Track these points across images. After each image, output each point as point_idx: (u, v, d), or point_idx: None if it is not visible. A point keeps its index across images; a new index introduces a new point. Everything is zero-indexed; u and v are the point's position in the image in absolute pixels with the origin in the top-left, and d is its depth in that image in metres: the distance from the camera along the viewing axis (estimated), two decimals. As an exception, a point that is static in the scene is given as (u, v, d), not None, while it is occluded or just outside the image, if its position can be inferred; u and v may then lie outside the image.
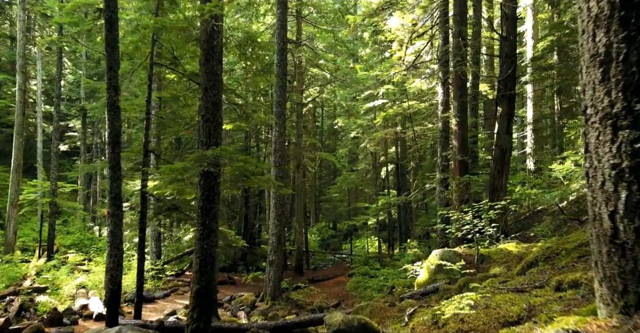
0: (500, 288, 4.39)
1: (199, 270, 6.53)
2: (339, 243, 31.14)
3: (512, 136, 12.43)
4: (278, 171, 14.10)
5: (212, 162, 6.41)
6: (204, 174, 6.64)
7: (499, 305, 3.33)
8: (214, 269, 6.67)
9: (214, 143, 6.71)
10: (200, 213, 6.69)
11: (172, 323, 8.08)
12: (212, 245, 6.68)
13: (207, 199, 6.70)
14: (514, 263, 7.28)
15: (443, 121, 12.98)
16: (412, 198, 15.07)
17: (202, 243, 6.60)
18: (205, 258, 6.58)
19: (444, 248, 8.63)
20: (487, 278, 6.44)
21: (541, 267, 5.15)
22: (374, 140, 23.46)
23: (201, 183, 6.70)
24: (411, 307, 5.97)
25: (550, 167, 20.03)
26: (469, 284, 6.40)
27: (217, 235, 6.81)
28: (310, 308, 14.08)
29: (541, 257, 5.39)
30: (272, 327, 7.87)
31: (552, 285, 3.45)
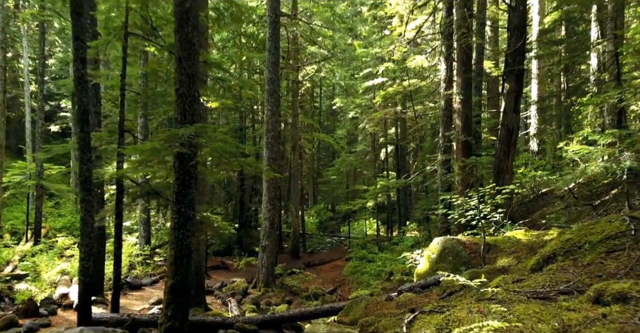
0: (517, 291, 3.70)
1: (173, 262, 5.86)
2: (337, 226, 30.61)
3: (519, 115, 11.67)
4: (271, 153, 13.36)
5: (186, 142, 5.66)
6: (179, 156, 5.90)
7: (522, 319, 2.66)
8: (191, 262, 6.02)
9: (190, 121, 5.95)
10: (175, 200, 5.98)
11: (150, 317, 7.47)
12: (189, 235, 5.99)
13: (183, 184, 5.98)
14: (524, 253, 6.62)
15: (446, 99, 12.17)
16: (412, 181, 14.38)
17: (177, 233, 5.91)
18: (181, 250, 5.90)
19: (446, 236, 7.97)
20: (495, 273, 5.77)
21: (561, 262, 4.46)
22: (373, 120, 22.64)
23: (176, 166, 5.97)
24: (410, 311, 5.30)
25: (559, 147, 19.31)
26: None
27: (195, 223, 6.12)
28: (305, 295, 13.55)
29: (560, 250, 4.70)
30: (259, 321, 7.26)
31: (589, 295, 2.77)
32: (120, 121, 8.09)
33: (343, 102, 26.28)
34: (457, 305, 4.01)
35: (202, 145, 5.71)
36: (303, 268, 17.74)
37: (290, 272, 15.57)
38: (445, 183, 11.99)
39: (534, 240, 7.06)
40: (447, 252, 7.52)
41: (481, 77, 14.72)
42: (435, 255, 7.67)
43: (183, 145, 5.72)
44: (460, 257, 7.32)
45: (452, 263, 7.35)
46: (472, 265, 7.13)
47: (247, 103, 23.65)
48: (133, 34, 8.30)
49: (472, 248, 7.47)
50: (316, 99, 34.22)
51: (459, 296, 5.69)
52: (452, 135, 11.73)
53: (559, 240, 4.90)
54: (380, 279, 14.60)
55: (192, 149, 5.67)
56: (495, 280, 4.55)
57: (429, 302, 6.03)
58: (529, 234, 7.50)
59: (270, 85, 13.35)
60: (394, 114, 21.75)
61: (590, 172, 6.59)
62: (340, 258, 20.11)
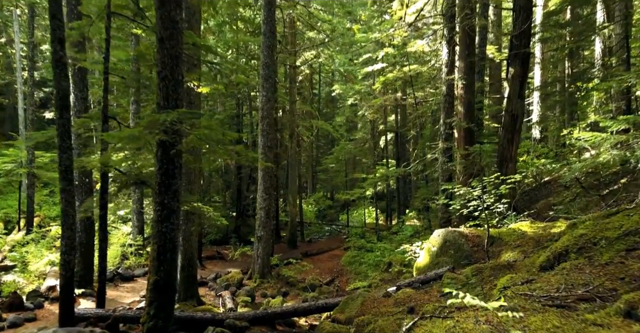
0: (528, 295, 3.31)
1: (156, 258, 5.47)
2: (336, 214, 30.29)
3: (524, 101, 11.19)
4: (266, 140, 12.93)
5: (169, 129, 5.23)
6: (162, 144, 5.48)
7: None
8: (176, 257, 5.63)
9: (174, 105, 5.51)
10: (158, 191, 5.57)
11: (136, 313, 7.10)
12: (173, 229, 5.59)
13: (166, 174, 5.56)
14: (530, 247, 6.24)
15: (447, 84, 11.68)
16: (412, 170, 13.97)
17: (160, 226, 5.52)
18: (165, 244, 5.51)
19: (447, 228, 7.58)
20: (500, 269, 5.39)
21: (574, 261, 4.07)
22: (372, 107, 22.14)
23: (158, 155, 5.55)
24: (409, 311, 4.94)
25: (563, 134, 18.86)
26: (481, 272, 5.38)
27: (179, 216, 5.72)
28: (302, 286, 13.24)
29: (573, 246, 4.31)
30: (250, 317, 6.92)
31: (618, 308, 2.38)
32: (103, 107, 7.64)
33: (342, 88, 25.71)
34: (462, 311, 3.63)
35: (186, 132, 5.28)
36: (300, 258, 17.44)
37: (287, 262, 15.26)
38: (446, 172, 11.59)
39: (541, 232, 6.67)
40: (448, 245, 7.15)
41: (484, 62, 14.18)
42: (436, 248, 7.30)
43: (166, 132, 5.29)
44: (462, 250, 6.95)
45: (453, 256, 6.99)
46: (475, 259, 6.77)
47: (244, 89, 23.15)
48: (117, 14, 7.79)
49: (474, 241, 7.09)
50: (315, 85, 33.65)
51: (461, 294, 5.32)
52: (454, 122, 11.28)
53: (571, 236, 4.50)
54: (379, 270, 14.29)
55: (174, 136, 5.24)
56: (502, 280, 4.17)
57: (429, 299, 5.67)
58: (534, 226, 7.12)
59: (265, 69, 12.85)
60: (393, 100, 21.24)
61: (602, 161, 6.18)
62: (338, 247, 19.80)
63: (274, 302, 9.97)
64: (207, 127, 5.52)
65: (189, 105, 10.02)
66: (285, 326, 7.21)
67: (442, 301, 5.38)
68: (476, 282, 5.38)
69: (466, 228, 7.55)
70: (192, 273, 10.05)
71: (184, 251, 9.96)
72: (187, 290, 9.96)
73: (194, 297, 10.01)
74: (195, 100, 10.13)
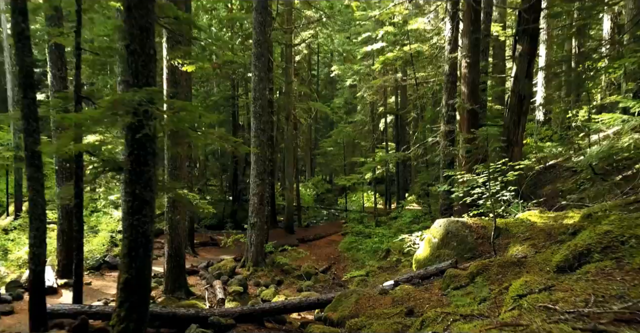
0: (550, 310, 2.76)
1: (127, 254, 4.92)
2: (335, 198, 29.81)
3: (532, 80, 10.53)
4: (259, 123, 12.29)
5: (137, 110, 4.61)
6: (132, 128, 4.86)
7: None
8: (150, 252, 5.08)
9: (144, 83, 4.87)
10: (129, 180, 4.97)
11: (114, 310, 6.58)
12: (146, 222, 5.02)
13: (137, 161, 4.95)
14: (541, 240, 5.70)
15: (450, 63, 10.98)
16: (412, 154, 13.36)
17: (131, 219, 4.94)
18: (137, 239, 4.95)
19: (449, 218, 7.03)
20: (509, 267, 4.85)
21: (599, 262, 3.52)
22: (371, 88, 21.41)
23: (128, 140, 4.94)
24: (407, 313, 4.41)
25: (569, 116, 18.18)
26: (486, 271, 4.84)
27: (153, 207, 5.15)
28: (297, 274, 12.79)
29: (596, 245, 3.75)
30: (237, 314, 6.42)
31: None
32: (75, 86, 6.99)
33: (341, 69, 24.88)
34: (468, 320, 3.09)
35: (155, 113, 4.65)
36: (297, 244, 17.00)
37: (282, 249, 14.79)
38: (448, 157, 10.99)
39: (552, 223, 6.12)
40: (450, 237, 6.61)
41: (488, 39, 13.43)
42: (437, 240, 6.77)
43: (133, 113, 4.67)
44: (466, 242, 6.41)
45: (456, 249, 6.46)
46: (479, 253, 6.23)
47: (240, 70, 22.37)
48: (88, -17, 7.08)
49: (479, 233, 6.55)
50: (313, 66, 32.77)
51: (465, 294, 4.81)
52: (457, 103, 10.63)
53: (593, 232, 3.94)
54: (377, 257, 13.84)
55: (140, 118, 4.61)
56: (516, 285, 3.61)
57: (430, 298, 5.16)
58: (544, 216, 6.56)
59: (257, 47, 12.12)
60: (393, 81, 20.49)
61: (622, 145, 5.59)
62: (336, 232, 19.35)
63: (266, 294, 9.51)
64: (182, 108, 4.90)
65: (174, 85, 9.38)
66: (274, 323, 6.72)
67: (444, 302, 4.86)
68: (482, 281, 4.84)
69: (470, 218, 7.00)
70: (180, 263, 9.56)
71: (171, 240, 9.46)
72: (174, 281, 9.48)
73: (182, 288, 9.54)
74: (181, 79, 9.47)
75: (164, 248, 10.04)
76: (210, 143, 5.58)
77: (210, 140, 5.35)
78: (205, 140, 5.41)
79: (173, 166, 9.33)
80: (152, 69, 5.06)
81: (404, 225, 15.04)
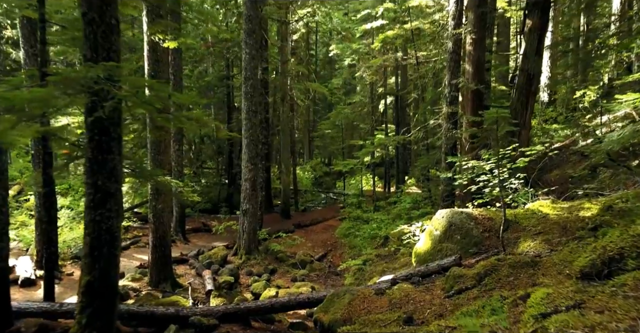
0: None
1: (89, 253, 4.34)
2: (333, 182, 29.23)
3: (542, 58, 9.82)
4: (250, 104, 11.60)
5: (94, 89, 3.97)
6: (91, 109, 4.22)
7: None
8: (116, 250, 4.51)
9: (105, 57, 4.21)
10: (90, 169, 4.37)
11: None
12: (111, 217, 4.43)
13: (99, 148, 4.33)
14: (556, 235, 5.12)
15: (454, 39, 10.23)
16: (412, 138, 12.71)
17: (93, 213, 4.35)
18: (100, 237, 4.37)
19: (452, 209, 6.45)
20: (522, 268, 4.28)
21: (636, 271, 2.93)
22: (371, 68, 20.57)
23: (88, 123, 4.31)
24: (406, 320, 3.86)
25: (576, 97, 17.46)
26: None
27: (120, 199, 4.55)
28: (292, 262, 12.31)
29: (630, 249, 3.16)
30: (220, 314, 5.90)
31: None
32: (40, 62, 6.32)
33: (339, 48, 23.98)
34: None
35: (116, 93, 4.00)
36: (293, 229, 16.50)
37: (276, 236, 14.29)
38: (450, 140, 10.35)
39: (566, 215, 5.53)
40: (454, 229, 6.03)
41: (494, 14, 12.63)
42: (439, 232, 6.19)
43: (96, 93, 4.03)
44: (471, 236, 5.84)
45: (460, 243, 5.89)
46: (486, 248, 5.67)
47: (234, 49, 21.50)
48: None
49: (485, 225, 5.98)
50: (312, 46, 31.78)
51: (471, 298, 4.25)
52: (461, 83, 9.93)
53: (627, 233, 3.35)
54: (375, 244, 13.33)
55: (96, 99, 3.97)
56: (535, 298, 3.04)
57: (432, 301, 4.61)
58: (557, 207, 5.97)
59: (248, 23, 11.34)
60: (393, 60, 19.67)
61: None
62: (333, 217, 18.85)
63: (256, 286, 9.01)
64: (151, 87, 4.25)
65: (156, 63, 8.66)
66: (262, 322, 6.22)
67: (447, 307, 4.30)
68: (492, 284, 4.28)
69: (475, 209, 6.42)
70: (165, 253, 9.03)
71: (155, 229, 8.90)
72: (159, 272, 8.97)
73: (168, 280, 9.04)
74: (163, 57, 8.75)
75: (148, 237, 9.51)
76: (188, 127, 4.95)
77: (183, 124, 4.73)
78: (178, 123, 4.79)
79: (156, 151, 8.70)
80: (114, 42, 4.39)
81: (403, 211, 14.50)
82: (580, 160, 10.81)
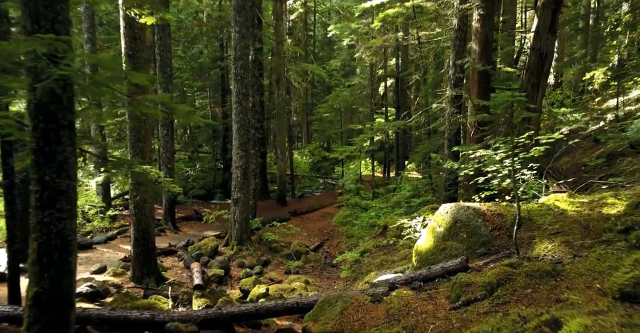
0: None
1: (37, 260, 3.72)
2: (332, 167, 28.57)
3: (556, 36, 9.05)
4: (241, 86, 10.87)
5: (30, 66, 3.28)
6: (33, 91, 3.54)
7: None
8: (70, 256, 3.89)
9: (49, 30, 3.52)
10: (35, 163, 3.71)
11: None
12: (62, 218, 3.79)
13: (46, 137, 3.67)
14: (578, 236, 4.50)
15: (460, 16, 9.44)
16: (413, 123, 12.01)
17: (41, 214, 3.71)
18: (49, 241, 3.74)
19: (458, 203, 5.81)
20: (541, 278, 3.68)
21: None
22: (370, 48, 19.68)
23: (30, 109, 3.63)
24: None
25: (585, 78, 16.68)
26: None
27: (73, 198, 3.91)
28: (286, 252, 11.79)
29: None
30: (200, 319, 5.33)
31: None
32: None
33: (337, 27, 23.03)
34: None
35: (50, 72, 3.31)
36: (288, 217, 15.95)
37: (270, 225, 13.71)
38: (454, 125, 9.65)
39: (587, 212, 4.91)
40: (459, 226, 5.41)
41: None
42: (443, 229, 5.58)
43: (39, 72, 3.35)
44: (479, 234, 5.22)
45: (466, 242, 5.27)
46: (496, 249, 5.05)
47: (228, 29, 20.58)
48: None
49: (494, 222, 5.35)
50: (310, 26, 30.74)
51: (481, 313, 3.65)
52: (467, 63, 9.18)
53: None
54: (373, 233, 12.76)
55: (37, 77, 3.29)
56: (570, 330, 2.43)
57: (436, 313, 4.01)
58: (576, 201, 5.33)
59: None
60: (394, 41, 18.78)
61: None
62: (331, 204, 18.29)
63: (245, 282, 8.44)
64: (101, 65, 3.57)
65: (133, 40, 7.92)
66: (247, 327, 5.65)
67: (454, 322, 3.70)
68: (505, 296, 3.67)
69: (483, 204, 5.78)
70: (148, 246, 8.44)
71: (137, 221, 8.30)
72: (142, 267, 8.41)
73: (152, 275, 8.48)
74: (141, 35, 7.99)
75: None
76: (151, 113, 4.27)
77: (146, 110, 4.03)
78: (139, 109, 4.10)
79: (136, 138, 8.03)
80: (60, 11, 3.68)
81: (403, 199, 13.89)
82: (593, 146, 10.15)
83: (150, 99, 4.04)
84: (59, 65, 3.43)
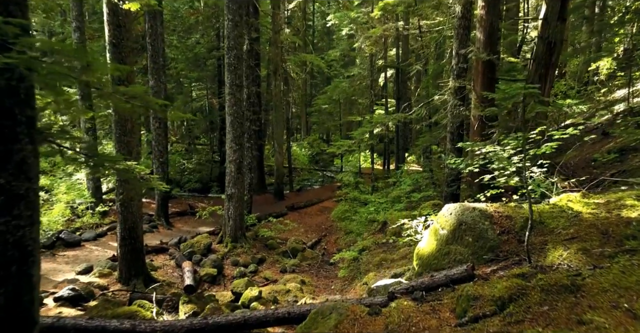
0: None
1: (-8, 274, 3.32)
2: (330, 159, 28.13)
3: (566, 24, 8.58)
4: (234, 77, 10.43)
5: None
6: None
7: None
8: (31, 269, 3.48)
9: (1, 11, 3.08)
10: (-12, 163, 3.29)
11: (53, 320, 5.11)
12: (21, 226, 3.38)
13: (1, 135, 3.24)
14: (595, 242, 4.09)
15: (464, 3, 8.97)
16: (414, 115, 11.56)
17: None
18: (6, 252, 3.32)
19: (462, 204, 5.39)
20: (560, 294, 3.28)
21: None
22: (370, 38, 19.17)
23: (-20, 102, 3.20)
24: None
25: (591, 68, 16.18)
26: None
27: (35, 202, 3.49)
28: (282, 250, 11.42)
29: None
30: (184, 330, 4.94)
31: None
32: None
33: (336, 16, 22.45)
34: None
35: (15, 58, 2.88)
36: (285, 212, 15.57)
37: (267, 220, 13.33)
38: (457, 118, 9.23)
39: (604, 215, 4.49)
40: (464, 229, 5.01)
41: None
42: (447, 232, 5.17)
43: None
44: (486, 238, 4.82)
45: (471, 247, 4.87)
46: (505, 254, 4.65)
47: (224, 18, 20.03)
48: None
49: (502, 225, 4.94)
50: (309, 16, 30.10)
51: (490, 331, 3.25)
52: (471, 52, 8.72)
53: None
54: (373, 229, 12.39)
55: None
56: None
57: (440, 329, 3.61)
58: (591, 202, 4.92)
59: (230, -15, 10.04)
60: (394, 30, 18.25)
61: None
62: (329, 198, 17.91)
63: (237, 284, 8.04)
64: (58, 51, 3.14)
65: (117, 28, 7.46)
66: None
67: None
68: (519, 314, 3.27)
69: (490, 205, 5.36)
70: (135, 246, 8.05)
71: (123, 220, 7.91)
72: (130, 268, 8.03)
73: (140, 275, 8.11)
74: (125, 22, 7.52)
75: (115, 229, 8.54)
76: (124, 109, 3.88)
77: (119, 105, 3.60)
78: (106, 102, 3.66)
79: (121, 131, 7.60)
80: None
81: (403, 194, 13.49)
82: (602, 140, 9.72)
83: (122, 92, 3.61)
84: (10, 52, 3.00)
